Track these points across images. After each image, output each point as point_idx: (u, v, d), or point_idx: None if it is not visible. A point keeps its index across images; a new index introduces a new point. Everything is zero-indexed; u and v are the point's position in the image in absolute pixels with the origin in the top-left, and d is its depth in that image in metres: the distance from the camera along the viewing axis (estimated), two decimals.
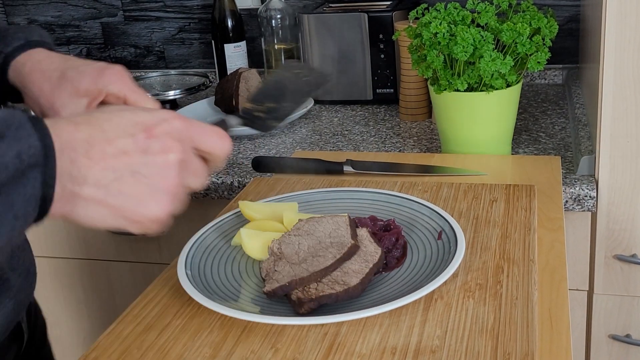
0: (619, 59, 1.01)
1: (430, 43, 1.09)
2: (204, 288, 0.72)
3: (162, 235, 0.83)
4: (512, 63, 1.05)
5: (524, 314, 0.66)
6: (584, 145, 1.14)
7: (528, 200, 0.89)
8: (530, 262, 0.75)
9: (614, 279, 1.12)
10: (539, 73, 1.62)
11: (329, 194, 0.91)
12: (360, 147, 1.31)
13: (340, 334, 0.66)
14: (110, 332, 0.69)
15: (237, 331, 0.67)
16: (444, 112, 1.14)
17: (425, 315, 0.67)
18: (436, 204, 0.90)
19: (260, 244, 0.78)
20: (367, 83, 1.52)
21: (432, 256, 0.75)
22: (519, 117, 1.38)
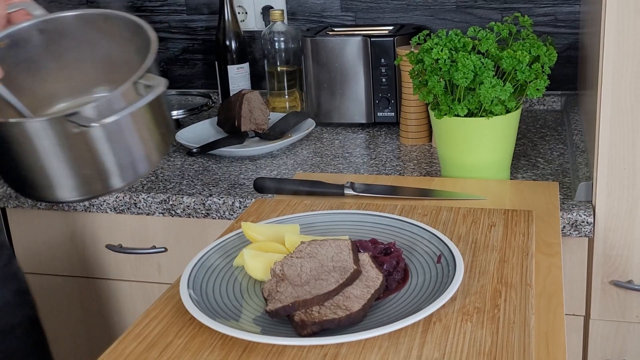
0: (617, 86, 1.03)
1: (431, 69, 1.11)
2: (205, 307, 0.73)
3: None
4: (512, 90, 1.07)
5: (521, 338, 0.67)
6: (582, 171, 1.16)
7: (526, 225, 0.91)
8: (528, 287, 0.76)
9: (610, 305, 1.13)
10: (538, 99, 1.64)
11: (330, 217, 0.92)
12: (361, 169, 1.32)
13: (340, 355, 0.67)
14: (113, 350, 0.70)
15: (238, 351, 0.68)
16: (444, 136, 1.15)
17: (423, 338, 0.68)
18: (436, 227, 0.91)
19: (262, 265, 0.79)
20: (368, 106, 1.54)
21: (431, 279, 0.77)
22: (518, 143, 1.40)
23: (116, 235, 1.32)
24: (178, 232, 1.29)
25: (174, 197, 1.24)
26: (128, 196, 1.26)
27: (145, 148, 0.77)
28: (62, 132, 0.70)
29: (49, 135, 0.70)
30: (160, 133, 0.78)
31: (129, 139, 0.74)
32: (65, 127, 0.70)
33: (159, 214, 1.25)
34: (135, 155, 0.75)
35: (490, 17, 1.62)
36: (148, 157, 0.77)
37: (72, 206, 1.30)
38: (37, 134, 0.70)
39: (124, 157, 0.75)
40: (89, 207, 1.29)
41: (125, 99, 0.72)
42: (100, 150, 0.72)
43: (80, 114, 0.69)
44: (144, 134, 0.76)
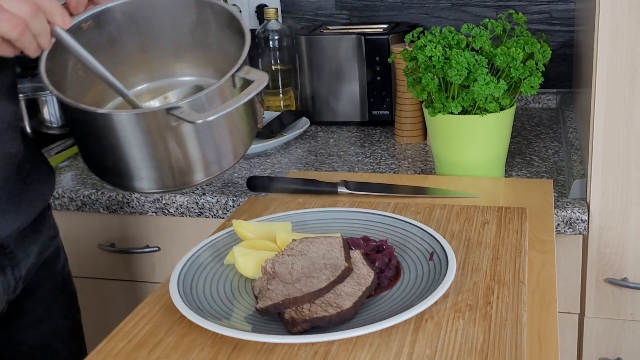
0: (611, 83, 1.03)
1: (425, 66, 1.10)
2: (195, 306, 0.72)
3: None
4: (506, 87, 1.06)
5: (513, 335, 0.67)
6: (576, 169, 1.16)
7: (519, 223, 0.90)
8: (520, 284, 0.75)
9: (605, 303, 1.12)
10: (533, 97, 1.64)
11: (322, 214, 0.92)
12: (355, 168, 1.32)
13: (331, 352, 0.66)
14: (101, 350, 0.69)
15: (228, 349, 0.68)
16: (438, 134, 1.15)
17: (415, 335, 0.68)
18: (429, 225, 0.90)
19: (253, 262, 0.78)
20: (363, 105, 1.53)
21: (424, 277, 0.76)
22: (513, 141, 1.40)
23: (109, 235, 1.32)
24: (171, 232, 1.28)
25: (167, 196, 1.23)
26: (121, 195, 1.25)
27: (233, 142, 0.75)
28: (159, 125, 0.69)
29: (145, 126, 0.69)
30: (249, 126, 0.77)
31: (220, 133, 0.73)
32: (163, 120, 0.68)
33: (152, 213, 1.25)
34: (222, 149, 0.74)
35: (485, 14, 1.62)
36: (234, 151, 0.75)
37: (66, 205, 1.29)
38: (135, 125, 0.69)
39: (212, 152, 0.73)
40: (81, 207, 1.28)
41: (223, 92, 0.70)
42: (192, 144, 0.71)
43: (183, 108, 0.68)
44: (234, 128, 0.74)
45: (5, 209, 0.83)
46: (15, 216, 0.84)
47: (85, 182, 1.31)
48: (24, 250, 0.89)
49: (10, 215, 0.84)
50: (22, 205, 0.86)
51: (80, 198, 1.27)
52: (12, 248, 0.87)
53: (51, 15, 0.69)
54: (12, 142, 0.83)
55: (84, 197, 1.27)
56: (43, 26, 0.68)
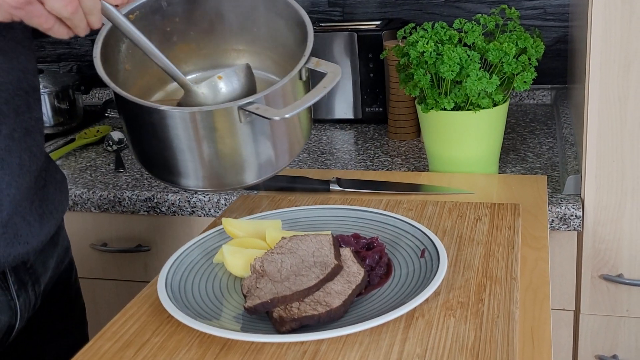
0: (604, 79, 1.02)
1: (417, 62, 1.10)
2: (183, 305, 0.71)
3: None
4: (499, 82, 1.05)
5: (505, 333, 0.66)
6: (571, 164, 1.15)
7: (512, 219, 0.89)
8: (513, 281, 0.75)
9: (600, 299, 1.11)
10: (527, 93, 1.63)
11: (313, 212, 0.91)
12: (349, 165, 1.31)
13: (320, 351, 0.65)
14: (88, 349, 0.69)
15: (216, 349, 0.67)
16: (431, 130, 1.14)
17: (405, 334, 0.67)
18: (421, 222, 0.89)
19: (242, 261, 0.77)
20: (356, 102, 1.52)
21: (415, 274, 0.75)
22: (507, 137, 1.39)
23: (101, 234, 1.31)
24: (164, 231, 1.27)
25: (159, 194, 1.22)
26: (112, 194, 1.24)
27: (290, 141, 0.72)
28: (227, 122, 0.66)
29: (210, 123, 0.66)
30: (308, 124, 0.74)
31: (281, 131, 0.70)
32: (232, 117, 0.65)
33: (144, 212, 1.24)
34: (279, 148, 0.71)
35: (479, 11, 1.61)
36: (290, 150, 0.72)
37: None
38: (200, 121, 0.66)
39: (270, 150, 0.70)
40: (72, 206, 1.27)
41: (290, 87, 0.67)
42: (253, 142, 0.67)
43: (258, 104, 0.64)
44: (294, 125, 0.71)
45: (30, 221, 0.80)
46: (38, 228, 0.82)
47: (77, 182, 1.30)
48: (43, 264, 0.87)
49: (35, 227, 0.81)
50: (44, 216, 0.83)
51: (72, 198, 1.26)
52: (32, 263, 0.84)
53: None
54: (38, 147, 0.81)
55: (75, 197, 1.26)
56: (94, 3, 0.66)
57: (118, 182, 1.29)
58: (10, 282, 0.81)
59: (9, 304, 0.81)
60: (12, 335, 0.82)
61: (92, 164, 1.42)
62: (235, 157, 0.69)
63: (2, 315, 0.80)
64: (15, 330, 0.83)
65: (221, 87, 0.71)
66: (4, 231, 0.76)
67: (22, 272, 0.83)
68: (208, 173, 0.70)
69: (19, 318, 0.82)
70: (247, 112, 0.65)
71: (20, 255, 0.79)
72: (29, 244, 0.80)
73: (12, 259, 0.78)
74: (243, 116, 0.66)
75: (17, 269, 0.82)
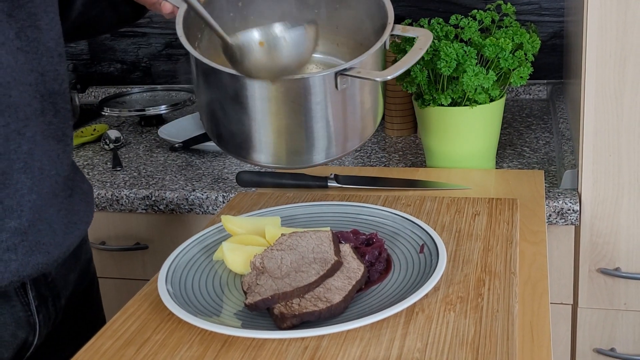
0: (600, 74, 1.02)
1: None
2: (184, 302, 0.72)
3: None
4: (495, 78, 1.06)
5: (505, 327, 0.66)
6: (567, 159, 1.15)
7: (510, 214, 0.90)
8: (512, 275, 0.75)
9: (598, 293, 1.12)
10: (523, 88, 1.63)
11: (311, 208, 0.91)
12: (346, 161, 1.31)
13: (321, 347, 0.65)
14: (89, 347, 0.69)
15: (217, 346, 0.67)
16: (428, 126, 1.14)
17: (406, 329, 0.67)
18: (419, 217, 0.90)
19: (242, 258, 0.78)
20: None
21: (414, 269, 0.75)
22: (504, 132, 1.39)
23: (99, 233, 1.31)
24: (162, 228, 1.27)
25: (157, 192, 1.22)
26: (110, 192, 1.24)
27: (363, 120, 0.69)
28: (323, 90, 0.63)
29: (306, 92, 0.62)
30: (382, 104, 0.71)
31: (357, 107, 0.67)
32: (330, 84, 0.62)
33: (142, 210, 1.24)
34: (352, 127, 0.68)
35: (475, 6, 1.60)
36: (362, 130, 0.69)
37: None
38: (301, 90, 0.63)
39: (345, 128, 0.67)
40: None
41: (379, 54, 0.64)
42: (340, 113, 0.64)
43: (357, 68, 0.61)
44: (371, 103, 0.68)
45: (55, 229, 0.78)
46: (62, 238, 0.79)
47: None
48: (64, 278, 0.85)
49: (58, 237, 0.78)
50: (69, 226, 0.81)
51: None
52: (53, 277, 0.82)
53: None
54: (63, 153, 0.79)
55: None
56: None
57: (115, 180, 1.29)
58: (30, 297, 0.79)
59: (28, 320, 0.79)
60: (29, 351, 0.81)
61: (89, 162, 1.42)
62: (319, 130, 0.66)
63: (19, 331, 0.78)
64: (33, 347, 0.81)
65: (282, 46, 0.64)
66: (23, 238, 0.74)
67: (42, 287, 0.81)
68: (285, 148, 0.67)
69: (37, 334, 0.81)
70: (346, 78, 0.62)
71: (39, 265, 0.76)
72: (50, 254, 0.77)
73: (31, 269, 0.75)
74: (340, 83, 0.63)
75: (37, 283, 0.80)
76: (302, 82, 0.63)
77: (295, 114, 0.64)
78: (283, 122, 0.65)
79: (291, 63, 0.63)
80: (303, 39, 0.63)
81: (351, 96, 0.65)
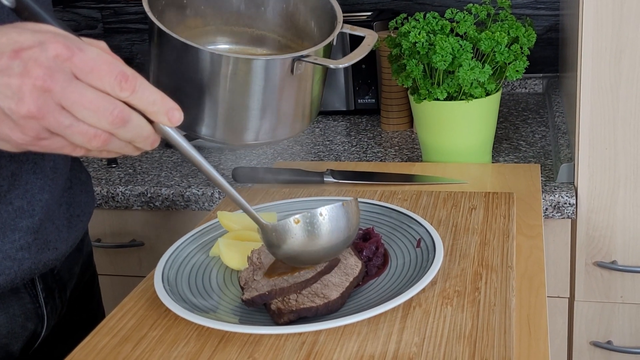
0: (596, 67, 1.02)
1: (409, 52, 1.09)
2: (180, 299, 0.71)
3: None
4: (491, 72, 1.05)
5: (502, 321, 0.66)
6: (564, 153, 1.15)
7: (507, 208, 0.90)
8: (509, 269, 0.75)
9: (594, 286, 1.12)
10: (519, 82, 1.63)
11: (308, 204, 0.91)
12: (342, 157, 1.31)
13: (318, 342, 0.65)
14: (85, 345, 0.68)
15: (214, 342, 0.67)
16: (424, 121, 1.14)
17: (403, 323, 0.67)
18: (416, 212, 0.90)
19: (238, 254, 0.77)
20: (348, 94, 1.52)
21: (411, 264, 0.75)
22: (500, 126, 1.39)
23: (94, 230, 1.30)
24: (158, 225, 1.27)
25: (153, 189, 1.22)
26: (105, 190, 1.24)
27: (303, 113, 0.73)
28: (280, 73, 0.66)
29: (268, 74, 0.65)
30: (318, 102, 0.75)
31: (305, 100, 0.71)
32: (285, 69, 0.66)
33: (138, 207, 1.23)
34: (299, 111, 0.72)
35: (470, 0, 1.60)
36: (303, 118, 0.73)
37: None
38: (260, 72, 0.65)
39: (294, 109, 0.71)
40: None
41: (328, 49, 0.69)
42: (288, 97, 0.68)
43: (315, 56, 0.66)
44: (312, 101, 0.72)
45: (58, 225, 0.77)
46: (67, 233, 0.79)
47: None
48: (69, 271, 0.85)
49: (63, 232, 0.78)
50: (72, 220, 0.80)
51: None
52: (58, 269, 0.82)
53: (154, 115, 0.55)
54: None
55: None
56: (138, 130, 0.54)
57: (111, 177, 1.29)
58: (38, 290, 0.79)
59: (36, 312, 0.79)
60: (37, 342, 0.81)
61: (84, 159, 1.41)
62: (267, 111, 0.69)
63: (28, 323, 0.78)
64: (41, 338, 0.81)
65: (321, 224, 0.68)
66: (35, 237, 0.74)
67: (49, 279, 0.81)
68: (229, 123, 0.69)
69: (45, 326, 0.81)
70: (302, 64, 0.65)
71: (50, 261, 0.76)
72: (58, 250, 0.77)
73: (42, 266, 0.76)
74: (296, 68, 0.66)
75: (45, 276, 0.80)
76: (260, 63, 0.65)
77: (249, 93, 0.67)
78: (237, 100, 0.67)
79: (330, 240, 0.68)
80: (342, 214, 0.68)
81: (304, 83, 0.68)
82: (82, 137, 0.52)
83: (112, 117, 0.52)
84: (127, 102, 0.53)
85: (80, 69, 0.51)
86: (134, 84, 0.53)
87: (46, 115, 0.51)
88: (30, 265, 0.74)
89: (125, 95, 0.52)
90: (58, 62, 0.51)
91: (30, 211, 0.73)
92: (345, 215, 0.68)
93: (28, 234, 0.73)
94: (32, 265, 0.74)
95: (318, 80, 0.72)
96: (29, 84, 0.50)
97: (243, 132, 0.69)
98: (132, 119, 0.53)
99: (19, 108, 0.50)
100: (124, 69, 0.53)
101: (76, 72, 0.51)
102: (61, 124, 0.51)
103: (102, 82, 0.52)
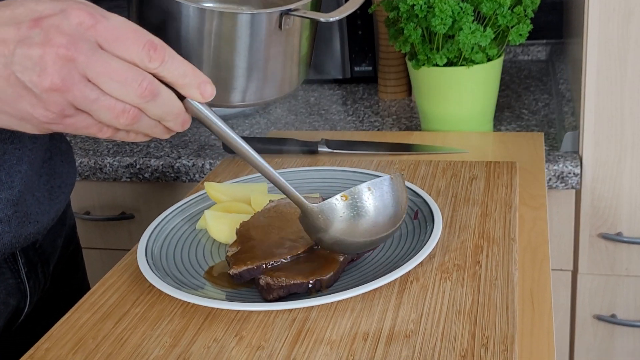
0: (603, 32, 0.98)
1: (407, 16, 1.05)
2: (165, 274, 0.68)
3: None
4: (493, 36, 1.01)
5: (504, 295, 0.62)
6: (568, 121, 1.11)
7: (509, 177, 0.86)
8: (511, 241, 0.71)
9: (598, 258, 1.08)
10: (522, 49, 1.58)
11: (300, 174, 0.87)
12: (338, 126, 1.27)
13: (310, 319, 0.62)
14: (65, 321, 0.65)
15: (199, 319, 0.63)
16: (423, 88, 1.09)
17: (399, 299, 0.63)
18: (413, 182, 0.86)
19: (226, 226, 0.73)
20: (344, 61, 1.47)
21: (408, 236, 0.71)
22: (502, 94, 1.34)
23: (83, 203, 1.26)
24: (147, 197, 1.23)
25: (141, 160, 1.18)
26: (93, 161, 1.20)
27: (291, 76, 0.68)
28: (267, 29, 0.62)
29: (254, 30, 0.61)
30: (307, 62, 0.70)
31: (295, 58, 0.66)
32: (272, 24, 0.61)
33: (127, 178, 1.19)
34: (287, 69, 0.67)
35: None
36: (291, 75, 0.68)
37: None
38: (246, 28, 0.61)
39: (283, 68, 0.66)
40: None
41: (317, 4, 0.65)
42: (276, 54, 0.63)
43: (304, 10, 0.61)
44: (301, 62, 0.68)
45: (39, 197, 0.74)
46: (48, 205, 0.76)
47: None
48: (52, 244, 0.82)
49: (44, 205, 0.75)
50: (53, 191, 0.77)
51: None
52: (40, 243, 0.79)
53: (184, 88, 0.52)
54: None
55: None
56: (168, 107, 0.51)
57: (98, 148, 1.25)
58: (20, 265, 0.76)
59: (18, 287, 0.76)
60: (20, 318, 0.78)
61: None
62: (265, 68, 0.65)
63: (11, 298, 0.75)
64: (24, 314, 0.78)
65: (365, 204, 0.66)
66: (15, 210, 0.70)
67: (31, 253, 0.78)
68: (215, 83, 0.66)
69: (28, 301, 0.78)
70: (291, 18, 0.61)
71: (31, 235, 0.73)
72: (40, 223, 0.74)
73: (23, 240, 0.72)
74: (284, 23, 0.62)
75: (26, 250, 0.77)
76: (246, 17, 0.61)
77: (235, 51, 0.62)
78: (223, 58, 0.63)
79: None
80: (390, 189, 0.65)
81: (291, 39, 0.64)
82: (110, 113, 0.49)
83: (140, 89, 0.49)
84: (156, 75, 0.50)
85: (105, 38, 0.48)
86: (163, 54, 0.49)
87: (71, 88, 0.47)
88: (10, 239, 0.71)
89: (154, 65, 0.49)
90: (81, 30, 0.47)
91: (9, 183, 0.69)
92: (393, 191, 0.65)
93: (7, 206, 0.70)
94: (12, 239, 0.71)
95: (307, 36, 0.68)
96: (52, 53, 0.46)
97: (229, 93, 0.65)
98: (162, 92, 0.50)
99: (42, 80, 0.46)
100: (151, 38, 0.49)
101: (100, 41, 0.48)
102: (87, 97, 0.48)
103: (128, 51, 0.48)
